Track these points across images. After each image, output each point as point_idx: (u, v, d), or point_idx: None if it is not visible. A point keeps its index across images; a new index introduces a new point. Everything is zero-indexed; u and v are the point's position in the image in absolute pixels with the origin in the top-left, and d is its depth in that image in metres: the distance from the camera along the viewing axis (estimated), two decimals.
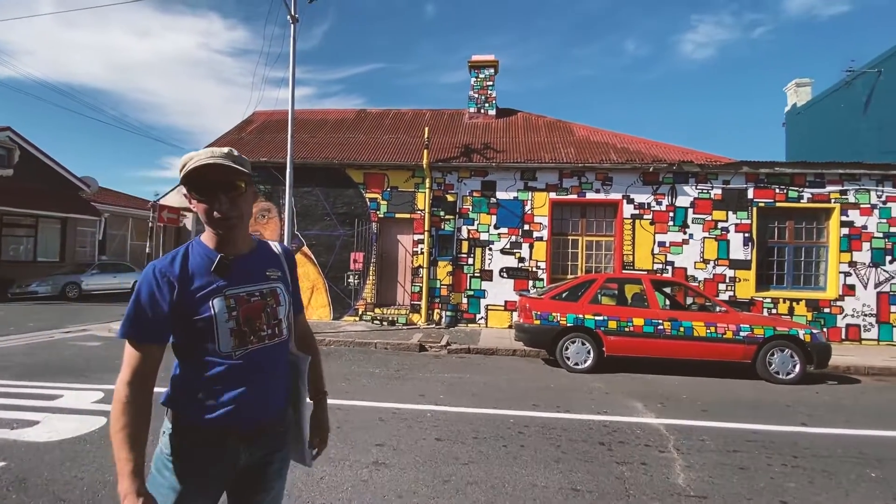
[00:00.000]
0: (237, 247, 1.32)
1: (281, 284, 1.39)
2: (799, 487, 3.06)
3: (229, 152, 1.26)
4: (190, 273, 1.25)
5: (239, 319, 1.26)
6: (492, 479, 3.08)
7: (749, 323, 6.45)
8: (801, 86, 18.28)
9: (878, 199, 9.63)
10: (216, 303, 1.24)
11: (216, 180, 1.23)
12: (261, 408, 1.30)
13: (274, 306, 1.34)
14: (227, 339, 1.25)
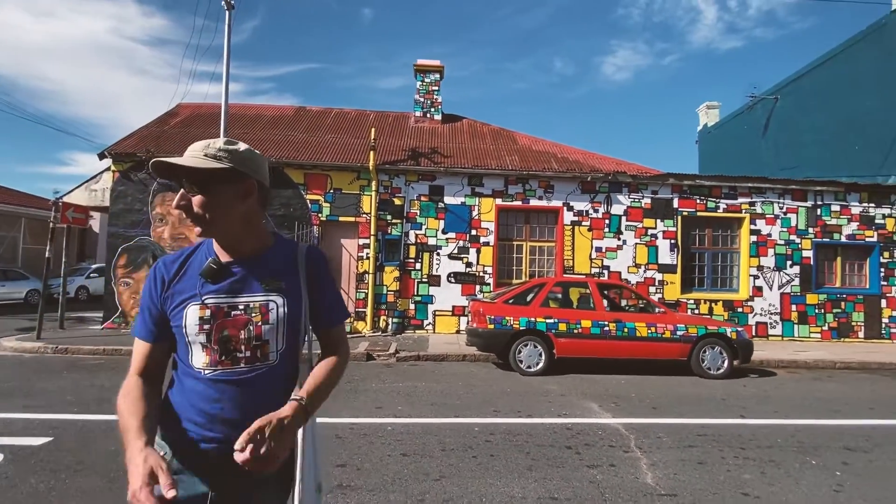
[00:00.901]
0: (238, 249, 1.14)
1: (280, 297, 1.13)
2: (754, 479, 3.22)
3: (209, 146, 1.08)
4: (184, 274, 1.14)
5: (211, 334, 1.09)
6: (468, 494, 2.90)
7: (684, 323, 6.91)
8: (710, 108, 20.36)
9: (780, 210, 10.87)
10: (189, 311, 1.10)
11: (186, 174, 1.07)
12: (229, 432, 1.04)
13: (257, 324, 1.10)
14: (199, 353, 1.10)
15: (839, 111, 13.05)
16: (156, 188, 10.30)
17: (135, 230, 10.27)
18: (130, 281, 10.24)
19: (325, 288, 1.22)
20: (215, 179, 1.07)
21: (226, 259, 1.13)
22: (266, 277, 1.14)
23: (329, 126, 12.52)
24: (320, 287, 1.20)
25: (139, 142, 10.66)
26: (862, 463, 3.55)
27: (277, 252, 1.19)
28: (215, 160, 1.06)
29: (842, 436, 4.17)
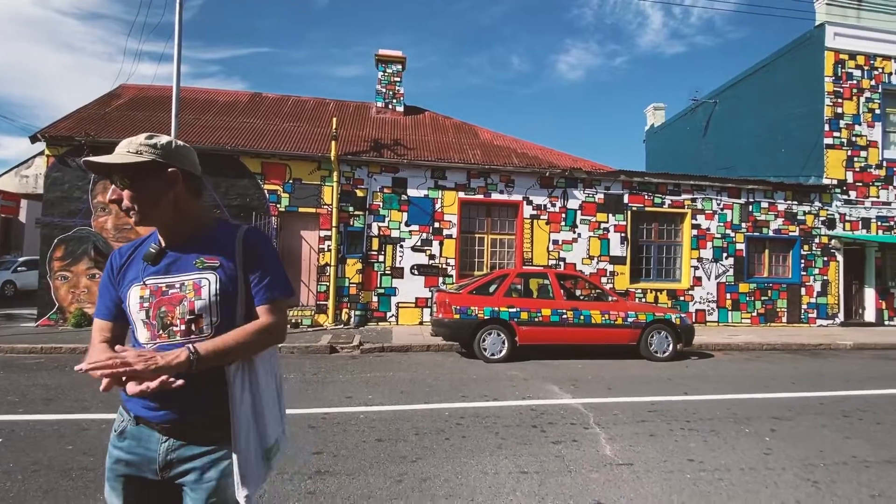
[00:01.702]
0: (174, 234, 1.26)
1: (212, 274, 1.21)
2: (698, 447, 3.60)
3: (136, 143, 1.20)
4: (132, 260, 1.28)
5: (150, 311, 1.20)
6: (444, 473, 3.06)
7: (634, 310, 7.41)
8: (657, 109, 21.54)
9: (718, 206, 11.80)
10: (132, 292, 1.23)
11: (114, 171, 1.19)
12: (175, 408, 1.18)
13: (190, 301, 1.19)
14: (142, 329, 1.22)
15: (769, 116, 14.26)
16: (96, 175, 9.60)
17: (73, 220, 9.55)
18: (68, 274, 9.54)
19: (261, 267, 1.27)
20: (141, 173, 1.18)
21: (165, 243, 1.26)
22: (201, 256, 1.23)
23: (287, 114, 12.15)
24: (257, 266, 1.26)
25: (77, 124, 9.88)
26: (786, 429, 4.05)
27: (216, 235, 1.29)
28: (137, 154, 1.18)
29: (769, 407, 4.71)
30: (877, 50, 12.85)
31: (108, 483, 1.24)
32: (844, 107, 12.59)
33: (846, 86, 12.62)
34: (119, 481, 1.22)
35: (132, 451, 1.21)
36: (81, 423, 3.94)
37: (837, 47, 12.64)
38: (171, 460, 1.19)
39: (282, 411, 1.36)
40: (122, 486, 1.21)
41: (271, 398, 1.28)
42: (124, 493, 1.21)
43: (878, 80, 12.86)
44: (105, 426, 3.83)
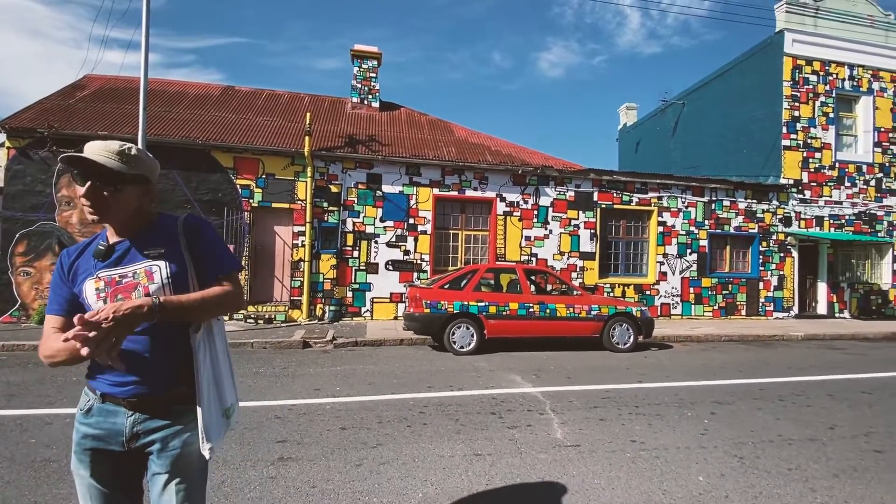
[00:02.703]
0: (126, 230, 1.38)
1: (162, 262, 1.36)
2: (642, 429, 3.88)
3: (121, 150, 1.31)
4: (81, 258, 1.40)
5: (107, 300, 1.32)
6: (402, 457, 3.23)
7: (597, 303, 7.73)
8: (629, 109, 22.10)
9: (682, 204, 12.28)
10: (87, 285, 1.35)
11: (87, 171, 1.29)
12: (141, 383, 1.33)
13: (145, 286, 1.34)
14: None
15: (732, 118, 14.87)
16: (60, 168, 9.38)
17: (36, 214, 9.32)
18: (31, 270, 9.31)
19: (205, 247, 1.43)
20: (125, 180, 1.31)
21: (114, 239, 1.38)
22: (148, 246, 1.37)
23: (260, 108, 12.05)
24: (200, 247, 1.42)
25: (40, 115, 9.61)
26: (725, 413, 4.38)
27: (159, 226, 1.43)
28: (127, 165, 1.31)
29: (713, 393, 5.05)
30: (832, 56, 13.54)
31: (76, 457, 1.36)
32: (801, 110, 13.24)
33: (803, 90, 13.28)
34: (87, 454, 1.35)
35: (99, 426, 1.34)
36: (44, 417, 3.95)
37: (795, 53, 13.27)
38: (136, 432, 1.34)
39: (234, 382, 1.54)
40: (89, 459, 1.34)
41: (226, 368, 1.47)
42: (91, 464, 1.34)
43: (832, 85, 13.56)
44: (69, 420, 3.87)
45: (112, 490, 1.36)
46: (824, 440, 3.72)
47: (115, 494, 1.37)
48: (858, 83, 13.80)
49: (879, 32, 14.01)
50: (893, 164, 13.99)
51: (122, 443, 1.34)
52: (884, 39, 14.04)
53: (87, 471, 1.34)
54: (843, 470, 3.18)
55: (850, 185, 13.57)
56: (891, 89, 14.03)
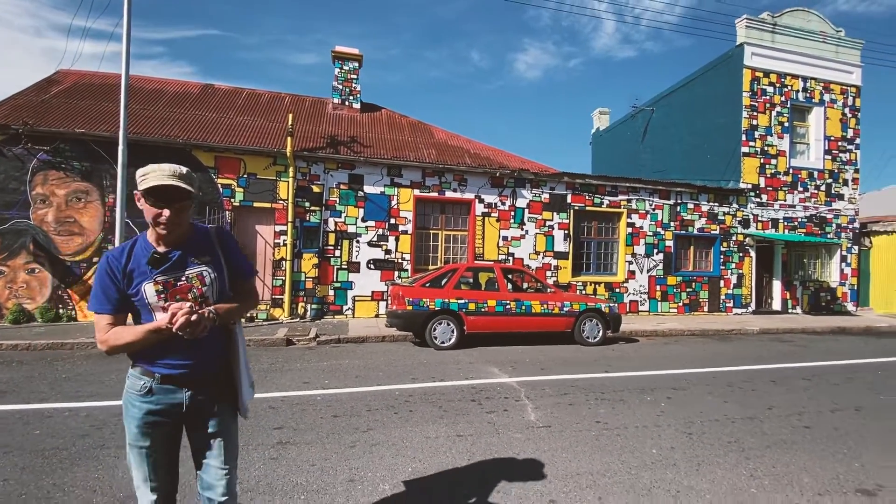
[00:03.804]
0: (173, 242, 1.65)
1: (207, 267, 1.69)
2: (607, 412, 4.32)
3: (184, 173, 1.60)
4: (132, 263, 1.62)
5: (167, 300, 1.61)
6: (392, 439, 3.56)
7: (569, 300, 8.21)
8: (602, 113, 22.90)
9: (650, 207, 12.97)
10: (146, 287, 1.61)
11: (170, 195, 1.56)
12: (195, 364, 1.66)
13: (199, 286, 1.66)
14: (161, 314, 1.60)
15: (697, 125, 15.72)
16: (35, 165, 9.26)
17: (10, 212, 9.17)
18: (5, 269, 9.16)
19: (233, 255, 1.79)
20: (191, 198, 1.62)
21: (163, 249, 1.63)
22: (197, 254, 1.68)
23: (241, 107, 12.08)
24: (230, 255, 1.78)
25: (13, 112, 9.44)
26: (680, 397, 4.88)
27: (198, 236, 1.73)
28: (192, 186, 1.59)
29: (671, 380, 5.57)
30: (787, 69, 14.51)
31: (137, 431, 1.63)
32: (759, 119, 14.15)
33: (761, 100, 14.19)
34: (148, 427, 1.63)
35: (161, 402, 1.63)
36: (43, 411, 4.10)
37: (754, 66, 14.17)
38: (191, 404, 1.66)
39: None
40: (150, 431, 1.63)
41: (245, 353, 1.83)
42: (152, 435, 1.64)
43: (787, 96, 14.53)
44: (67, 414, 4.03)
45: (163, 455, 1.67)
46: (762, 419, 4.25)
47: (164, 458, 1.68)
48: (811, 95, 14.82)
49: (830, 48, 15.08)
50: (842, 171, 15.09)
51: (178, 414, 1.65)
52: (834, 54, 15.12)
53: (148, 441, 1.63)
54: (775, 442, 3.69)
55: (802, 189, 14.58)
56: (840, 101, 15.12)
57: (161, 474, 1.66)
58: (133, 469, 1.66)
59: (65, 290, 9.34)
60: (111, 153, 9.28)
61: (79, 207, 9.47)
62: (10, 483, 2.80)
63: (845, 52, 15.18)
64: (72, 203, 9.44)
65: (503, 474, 3.00)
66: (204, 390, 1.68)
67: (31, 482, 2.81)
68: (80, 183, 9.46)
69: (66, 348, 7.07)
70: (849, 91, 15.19)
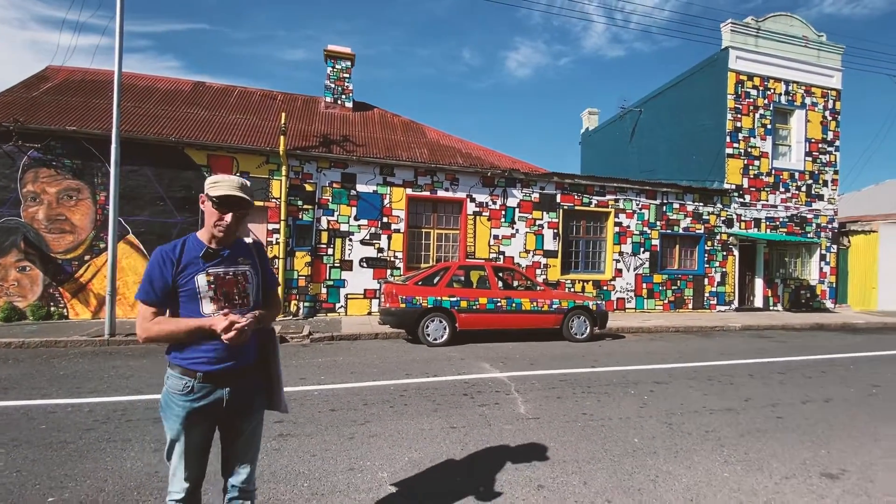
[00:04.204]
0: (224, 243, 1.84)
1: (249, 269, 1.88)
2: (592, 405, 4.54)
3: (247, 186, 1.81)
4: (186, 256, 1.78)
5: (216, 290, 1.78)
6: (388, 431, 3.73)
7: (558, 298, 8.44)
8: (591, 114, 23.20)
9: (637, 206, 13.27)
10: (199, 277, 1.77)
11: (234, 203, 1.78)
12: (235, 357, 1.80)
13: (243, 283, 1.85)
14: (208, 304, 1.78)
15: (684, 126, 16.06)
16: (26, 163, 9.22)
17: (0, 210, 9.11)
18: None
19: (266, 266, 2.02)
20: (249, 207, 1.81)
21: (214, 247, 1.82)
22: (241, 256, 1.87)
23: (233, 105, 12.09)
24: (263, 265, 2.00)
25: (2, 109, 9.37)
26: (662, 390, 5.12)
27: (241, 243, 1.93)
28: (251, 196, 1.81)
29: (654, 375, 5.81)
30: (770, 73, 14.90)
31: (181, 426, 1.75)
32: (743, 121, 14.52)
33: (745, 103, 14.55)
34: (191, 423, 1.76)
35: (202, 400, 1.76)
36: (46, 407, 4.19)
37: (739, 69, 14.52)
38: (230, 400, 1.81)
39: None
40: (192, 426, 1.76)
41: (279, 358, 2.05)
42: (194, 430, 1.77)
43: (770, 99, 14.92)
44: (70, 409, 4.13)
45: (199, 447, 1.81)
46: (738, 410, 4.50)
47: (200, 450, 1.82)
48: (793, 98, 15.24)
49: (812, 52, 15.50)
50: (822, 172, 15.56)
51: (219, 409, 1.79)
52: (816, 58, 15.55)
53: (188, 436, 1.77)
54: (749, 431, 3.94)
55: (784, 190, 15.01)
56: (821, 104, 15.57)
57: (195, 464, 1.80)
58: (172, 458, 1.80)
59: (56, 288, 9.32)
60: (103, 151, 9.27)
61: (70, 205, 9.44)
62: (23, 474, 2.91)
63: (826, 57, 15.62)
64: (63, 201, 9.41)
65: (495, 462, 3.19)
66: (241, 386, 1.84)
67: (43, 473, 2.93)
68: (71, 181, 9.43)
69: (61, 346, 7.11)
70: (829, 94, 15.64)
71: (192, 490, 1.80)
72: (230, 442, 1.88)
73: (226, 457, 1.90)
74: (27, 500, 2.62)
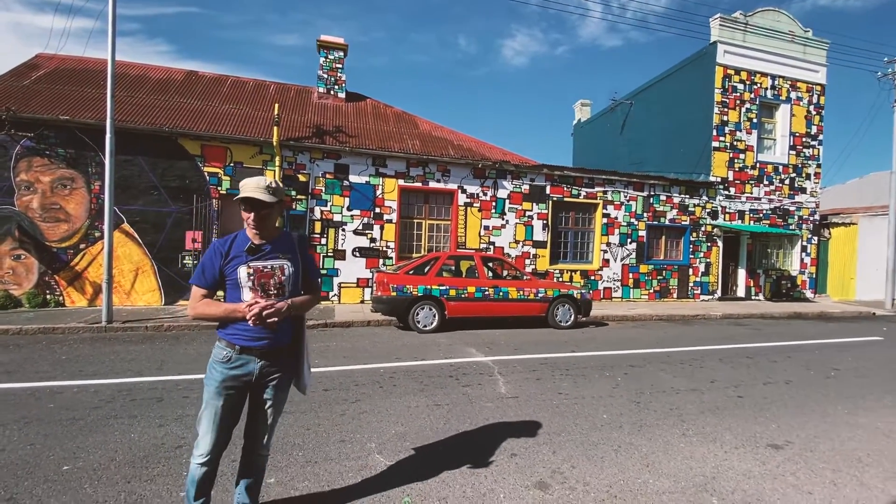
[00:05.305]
0: (265, 238, 2.11)
1: (288, 262, 2.11)
2: (569, 385, 4.86)
3: (268, 185, 2.02)
4: (233, 249, 2.08)
5: (254, 282, 2.02)
6: (377, 409, 4.02)
7: (544, 287, 8.75)
8: (584, 105, 23.38)
9: (624, 198, 13.57)
10: (241, 269, 2.06)
11: (255, 204, 2.02)
12: (270, 339, 2.07)
13: (279, 276, 2.09)
14: (247, 293, 2.04)
15: (672, 119, 16.32)
16: (19, 152, 9.29)
17: None
18: None
19: (307, 258, 2.25)
20: (273, 205, 2.04)
21: (258, 242, 2.06)
22: (281, 251, 2.10)
23: (226, 95, 12.15)
24: (306, 257, 2.23)
25: None
26: (635, 373, 5.45)
27: (284, 238, 2.16)
28: (274, 195, 2.02)
29: (630, 359, 6.15)
30: (757, 67, 15.16)
31: (215, 391, 2.03)
32: (729, 115, 14.81)
33: (731, 97, 14.83)
34: (225, 390, 2.04)
35: (238, 369, 2.04)
36: (52, 388, 4.42)
37: (726, 63, 14.76)
38: (262, 373, 2.08)
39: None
40: (225, 392, 2.04)
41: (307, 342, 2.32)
42: (226, 396, 2.04)
43: (756, 93, 15.20)
44: (76, 390, 4.37)
45: (229, 413, 2.08)
46: (703, 390, 4.84)
47: (230, 416, 2.09)
48: (779, 92, 15.53)
49: (798, 47, 15.77)
50: (805, 166, 15.94)
51: (249, 381, 2.07)
52: (802, 53, 15.82)
53: (222, 401, 2.04)
54: (710, 409, 4.27)
55: (767, 183, 15.38)
56: (806, 98, 15.89)
57: (223, 428, 2.06)
58: (202, 421, 2.07)
59: (52, 276, 9.46)
60: (96, 140, 9.37)
61: (64, 194, 9.55)
62: (36, 447, 3.16)
63: (812, 52, 15.90)
64: (57, 190, 9.50)
65: (474, 435, 3.49)
66: (272, 362, 2.09)
67: (56, 446, 3.18)
68: (65, 170, 9.52)
69: (59, 332, 7.30)
70: (814, 89, 15.95)
71: (215, 456, 2.07)
72: (255, 409, 2.15)
73: (250, 422, 2.18)
74: (44, 468, 2.87)
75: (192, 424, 3.57)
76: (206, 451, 2.04)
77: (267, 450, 2.24)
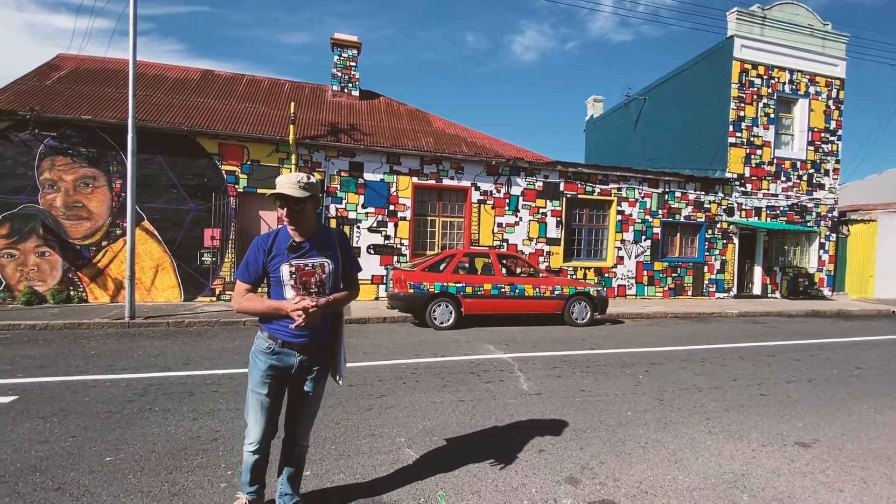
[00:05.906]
0: (304, 233, 2.14)
1: (328, 259, 2.16)
2: (590, 382, 4.87)
3: (303, 183, 2.05)
4: (275, 247, 2.12)
5: (296, 279, 2.07)
6: (403, 403, 4.08)
7: (560, 284, 8.75)
8: (596, 101, 23.19)
9: (639, 195, 13.48)
10: (283, 267, 2.10)
11: (287, 199, 2.05)
12: (310, 334, 2.13)
13: (320, 274, 2.13)
14: (289, 291, 2.09)
15: (687, 115, 16.14)
16: (42, 151, 9.49)
17: (18, 197, 9.42)
18: (15, 252, 9.45)
19: (348, 254, 2.29)
20: (306, 201, 2.06)
21: (298, 239, 2.11)
22: (321, 248, 2.15)
23: (242, 94, 12.28)
24: (346, 253, 2.27)
25: (17, 98, 9.61)
26: (656, 370, 5.45)
27: (323, 233, 2.21)
28: (307, 190, 2.04)
29: (650, 357, 6.14)
30: (775, 62, 14.92)
31: (260, 380, 2.11)
32: (746, 111, 14.60)
33: (748, 92, 14.62)
34: (268, 379, 2.12)
35: (279, 361, 2.12)
36: (86, 382, 4.55)
37: (743, 58, 14.55)
38: (301, 367, 2.14)
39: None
40: (269, 382, 2.12)
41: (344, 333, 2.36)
42: (269, 385, 2.12)
43: (774, 88, 14.97)
44: (109, 384, 4.49)
45: (273, 401, 2.16)
46: (726, 388, 4.83)
47: (273, 404, 2.17)
48: (797, 87, 15.28)
49: (817, 41, 15.48)
50: (824, 161, 15.67)
51: (289, 373, 2.14)
52: (821, 47, 15.53)
53: (266, 389, 2.12)
54: (734, 406, 4.27)
55: (785, 179, 15.16)
56: (825, 93, 15.60)
57: (269, 416, 2.14)
58: (249, 410, 2.15)
59: (75, 272, 9.68)
60: (117, 139, 9.54)
61: (86, 192, 9.75)
62: (78, 439, 3.26)
63: (831, 46, 15.60)
64: (79, 188, 9.70)
65: (500, 430, 3.53)
66: (311, 357, 2.16)
67: (96, 438, 3.28)
68: (87, 169, 9.71)
69: (84, 328, 7.48)
70: (833, 83, 15.66)
71: (264, 444, 2.16)
72: (294, 401, 2.22)
73: (290, 414, 2.25)
74: (87, 460, 2.97)
75: (225, 419, 3.66)
76: (256, 439, 2.12)
77: (307, 440, 2.30)
